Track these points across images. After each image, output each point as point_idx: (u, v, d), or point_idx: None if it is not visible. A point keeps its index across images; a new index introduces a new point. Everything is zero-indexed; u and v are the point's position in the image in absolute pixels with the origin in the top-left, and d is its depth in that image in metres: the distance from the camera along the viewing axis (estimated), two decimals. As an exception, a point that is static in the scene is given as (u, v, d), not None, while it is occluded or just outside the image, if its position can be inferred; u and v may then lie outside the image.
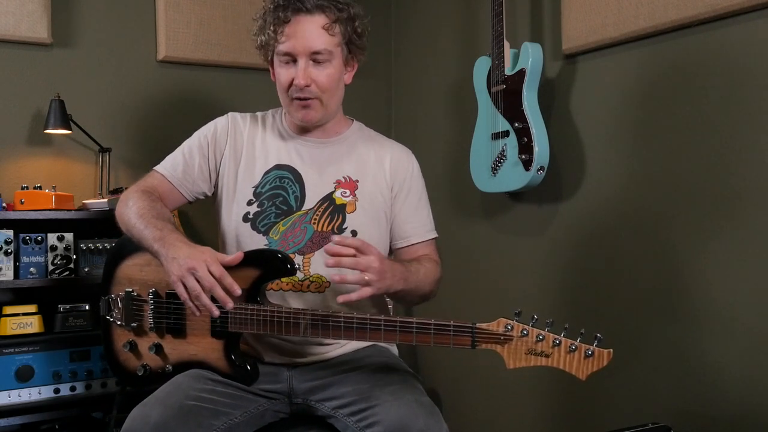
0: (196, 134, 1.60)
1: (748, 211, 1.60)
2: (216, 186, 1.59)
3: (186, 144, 1.60)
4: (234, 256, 1.36)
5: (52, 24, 2.25)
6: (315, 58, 1.46)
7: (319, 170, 1.55)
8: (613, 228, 1.92)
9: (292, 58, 1.47)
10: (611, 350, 1.18)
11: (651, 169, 1.82)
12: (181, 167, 1.57)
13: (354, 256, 1.33)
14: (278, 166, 1.56)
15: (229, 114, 1.62)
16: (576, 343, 1.19)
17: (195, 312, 1.34)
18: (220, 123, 1.60)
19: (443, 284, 1.57)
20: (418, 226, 1.60)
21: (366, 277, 1.31)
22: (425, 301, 1.55)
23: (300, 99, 1.48)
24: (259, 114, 1.64)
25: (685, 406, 1.72)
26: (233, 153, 1.57)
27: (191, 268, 1.30)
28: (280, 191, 1.53)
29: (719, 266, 1.66)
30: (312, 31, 1.45)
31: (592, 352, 1.18)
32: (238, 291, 1.31)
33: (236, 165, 1.56)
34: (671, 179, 1.77)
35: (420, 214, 1.61)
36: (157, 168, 1.59)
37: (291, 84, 1.47)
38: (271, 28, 1.46)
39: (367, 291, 1.32)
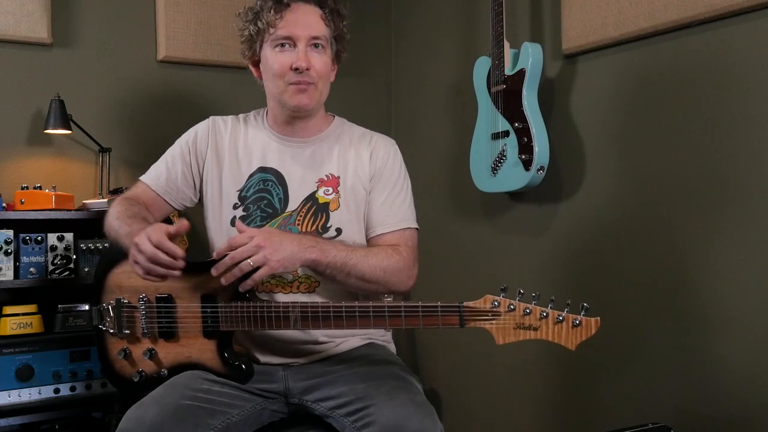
0: (177, 142, 1.62)
1: (749, 210, 1.60)
2: (201, 192, 1.60)
3: (169, 152, 1.62)
4: (177, 224, 1.35)
5: (52, 24, 2.24)
6: (314, 43, 1.49)
7: (302, 171, 1.55)
8: (614, 228, 1.91)
9: (291, 43, 1.48)
10: (598, 318, 1.18)
11: (651, 169, 1.81)
12: (164, 176, 1.59)
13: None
14: (262, 169, 1.56)
15: (210, 118, 1.63)
16: (563, 314, 1.19)
17: (151, 280, 1.36)
18: (200, 129, 1.61)
19: (442, 285, 1.55)
20: (389, 215, 1.55)
21: (251, 263, 1.32)
22: (385, 293, 1.50)
23: (297, 83, 1.48)
24: (241, 116, 1.64)
25: (685, 405, 1.72)
26: (215, 157, 1.58)
27: (136, 245, 1.32)
28: (264, 194, 1.54)
29: (720, 266, 1.65)
30: (311, 18, 1.50)
31: (580, 322, 1.18)
32: (179, 252, 1.31)
33: (220, 169, 1.57)
34: (672, 179, 1.76)
35: (392, 203, 1.56)
36: (142, 178, 1.62)
37: (288, 69, 1.48)
38: (271, 12, 1.48)
39: (262, 271, 1.32)
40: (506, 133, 2.02)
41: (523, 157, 1.96)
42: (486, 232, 2.35)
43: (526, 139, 1.96)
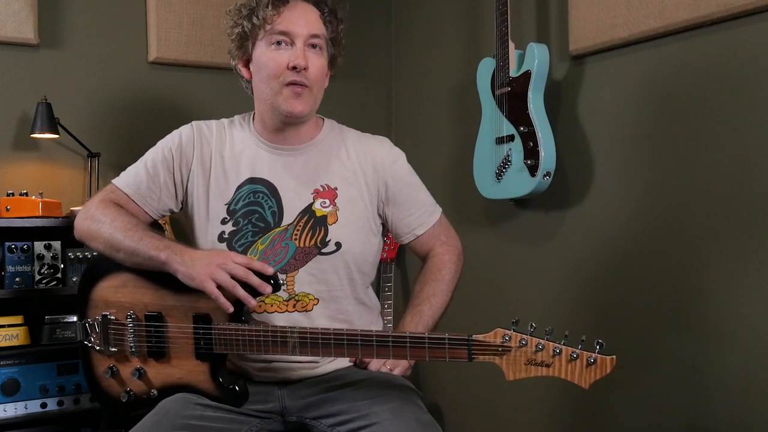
0: (159, 145, 1.52)
1: (763, 219, 1.56)
2: (184, 203, 1.52)
3: (149, 157, 1.51)
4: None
5: (39, 24, 2.22)
6: (312, 42, 1.44)
7: (295, 181, 1.48)
8: (623, 236, 1.88)
9: (288, 41, 1.42)
10: (614, 357, 1.14)
11: (662, 174, 1.78)
12: (144, 185, 1.49)
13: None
14: (251, 180, 1.48)
15: (193, 123, 1.54)
16: (577, 351, 1.15)
17: (228, 308, 1.30)
18: (184, 134, 1.51)
19: None
20: (420, 214, 1.56)
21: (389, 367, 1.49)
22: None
23: (294, 85, 1.41)
24: (225, 121, 1.56)
25: (694, 422, 1.69)
26: (201, 166, 1.49)
27: (220, 264, 1.29)
28: (255, 207, 1.46)
29: (733, 277, 1.62)
30: (311, 15, 1.45)
31: (595, 360, 1.14)
32: (270, 270, 1.31)
33: (206, 181, 1.49)
34: (683, 185, 1.73)
35: (418, 200, 1.56)
36: (118, 184, 1.51)
37: (284, 68, 1.41)
38: (268, 8, 1.41)
39: (398, 371, 1.49)
40: (511, 138, 1.99)
41: (529, 162, 1.93)
42: (490, 240, 2.33)
43: (531, 144, 1.93)
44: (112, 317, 1.43)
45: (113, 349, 1.43)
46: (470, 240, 2.38)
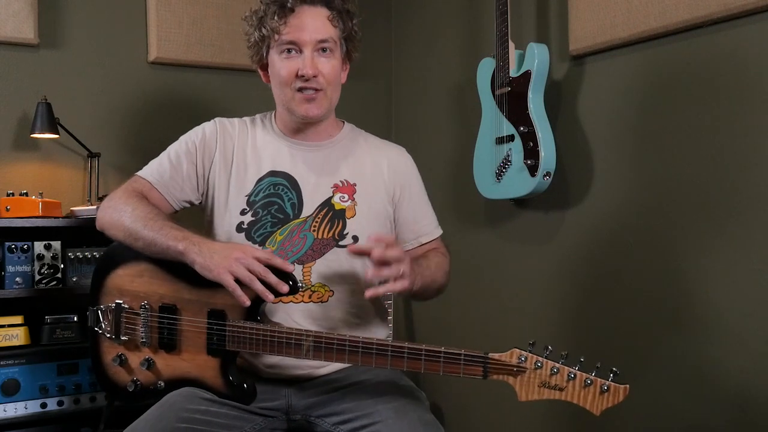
0: (182, 139, 1.55)
1: (765, 219, 1.55)
2: (205, 195, 1.54)
3: (172, 149, 1.54)
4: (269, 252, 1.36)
5: (39, 24, 2.22)
6: (321, 47, 1.46)
7: (316, 175, 1.51)
8: (623, 236, 1.87)
9: (297, 49, 1.45)
10: (627, 386, 1.16)
11: (661, 174, 1.77)
12: (168, 174, 1.52)
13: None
14: (272, 173, 1.51)
15: (216, 119, 1.57)
16: (591, 378, 1.17)
17: (246, 302, 1.30)
18: (208, 128, 1.55)
19: (445, 295, 1.59)
20: (427, 224, 1.61)
21: (402, 270, 1.31)
22: (439, 294, 1.56)
23: (305, 91, 1.45)
24: (247, 119, 1.59)
25: (696, 421, 1.69)
26: (223, 160, 1.52)
27: (238, 258, 1.30)
28: (275, 199, 1.49)
29: (734, 276, 1.61)
30: (317, 21, 1.46)
31: (608, 388, 1.16)
32: (291, 267, 1.32)
33: (227, 174, 1.51)
34: (683, 185, 1.72)
35: (426, 211, 1.62)
36: (142, 174, 1.54)
37: (294, 76, 1.45)
38: (275, 18, 1.44)
39: (400, 285, 1.32)
40: (511, 138, 1.98)
41: (529, 162, 1.93)
42: (490, 240, 2.32)
43: (531, 144, 1.92)
44: (126, 305, 1.44)
45: (124, 338, 1.44)
46: (470, 240, 2.39)
